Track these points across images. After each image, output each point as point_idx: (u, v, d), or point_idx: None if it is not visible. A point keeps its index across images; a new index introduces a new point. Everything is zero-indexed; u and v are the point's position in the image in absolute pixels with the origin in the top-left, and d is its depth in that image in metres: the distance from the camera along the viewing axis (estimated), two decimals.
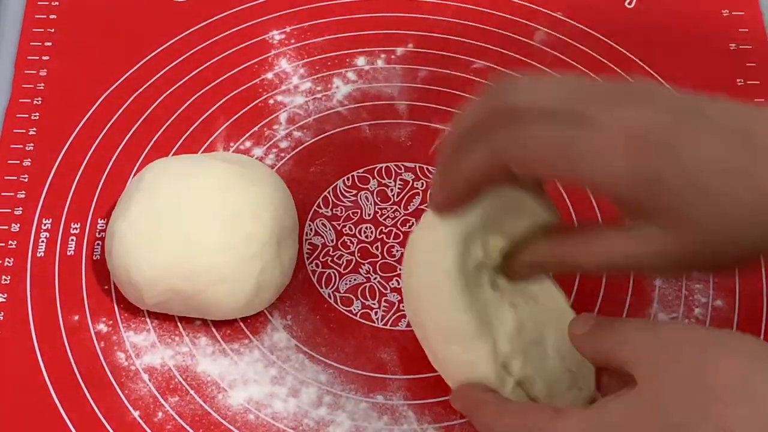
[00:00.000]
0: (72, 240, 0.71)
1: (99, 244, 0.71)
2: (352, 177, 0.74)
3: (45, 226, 0.72)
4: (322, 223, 0.72)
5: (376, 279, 0.70)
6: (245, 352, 0.67)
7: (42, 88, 0.78)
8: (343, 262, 0.71)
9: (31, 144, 0.75)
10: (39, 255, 0.70)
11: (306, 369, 0.67)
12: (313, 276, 0.70)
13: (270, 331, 0.68)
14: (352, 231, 0.72)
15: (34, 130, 0.75)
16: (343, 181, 0.74)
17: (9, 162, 0.74)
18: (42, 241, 0.71)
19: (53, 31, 0.81)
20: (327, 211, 0.73)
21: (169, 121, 0.76)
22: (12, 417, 0.65)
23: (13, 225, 0.71)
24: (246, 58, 0.79)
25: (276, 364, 0.67)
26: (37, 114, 0.76)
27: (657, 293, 0.69)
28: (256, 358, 0.67)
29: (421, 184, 0.74)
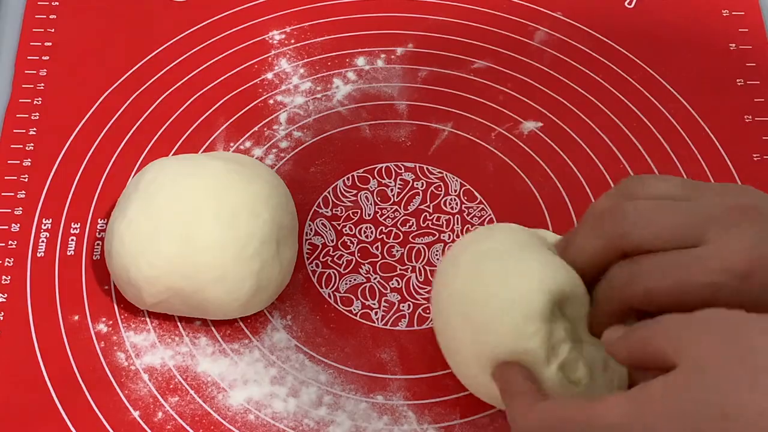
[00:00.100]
0: (72, 240, 0.71)
1: (99, 244, 0.71)
2: (352, 177, 0.74)
3: (45, 226, 0.72)
4: (322, 223, 0.72)
5: (376, 279, 0.70)
6: (245, 352, 0.67)
7: (42, 88, 0.78)
8: (343, 262, 0.71)
9: (31, 144, 0.75)
10: (39, 255, 0.70)
11: (306, 369, 0.67)
12: (313, 276, 0.70)
13: (270, 331, 0.68)
14: (352, 231, 0.72)
15: (34, 130, 0.75)
16: (343, 181, 0.74)
17: (9, 162, 0.74)
18: (42, 241, 0.71)
19: (53, 31, 0.80)
20: (327, 211, 0.73)
21: (169, 121, 0.76)
22: (12, 417, 0.65)
23: (13, 225, 0.71)
24: (246, 58, 0.79)
25: (276, 364, 0.67)
26: (37, 114, 0.76)
27: None
28: (256, 358, 0.67)
29: (421, 184, 0.74)
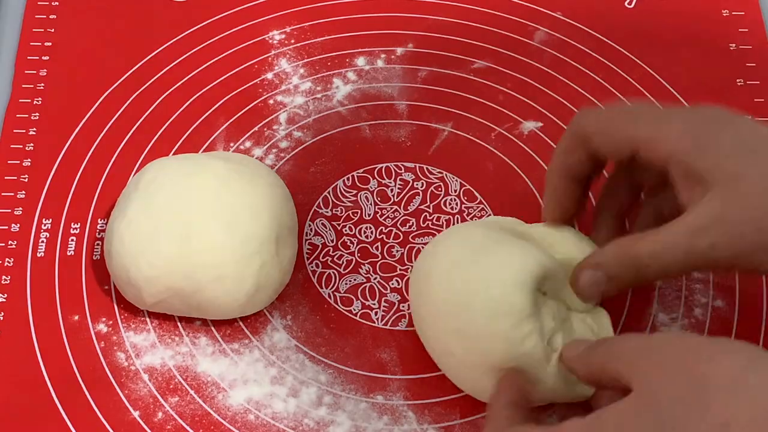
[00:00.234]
0: (72, 240, 0.71)
1: (99, 244, 0.71)
2: (352, 177, 0.74)
3: (45, 226, 0.72)
4: (322, 223, 0.72)
5: (376, 279, 0.70)
6: (245, 352, 0.67)
7: (42, 88, 0.77)
8: (343, 262, 0.71)
9: (31, 144, 0.75)
10: (39, 255, 0.70)
11: (306, 369, 0.67)
12: (313, 276, 0.70)
13: (270, 331, 0.68)
14: (352, 231, 0.72)
15: (34, 130, 0.75)
16: (343, 181, 0.74)
17: (9, 162, 0.74)
18: (42, 241, 0.71)
19: (53, 31, 0.80)
20: (327, 211, 0.73)
21: (169, 121, 0.76)
22: (12, 417, 0.65)
23: (13, 225, 0.71)
24: (246, 58, 0.79)
25: (276, 364, 0.67)
26: (37, 114, 0.76)
27: (657, 293, 0.69)
28: (256, 358, 0.67)
29: (421, 184, 0.74)
